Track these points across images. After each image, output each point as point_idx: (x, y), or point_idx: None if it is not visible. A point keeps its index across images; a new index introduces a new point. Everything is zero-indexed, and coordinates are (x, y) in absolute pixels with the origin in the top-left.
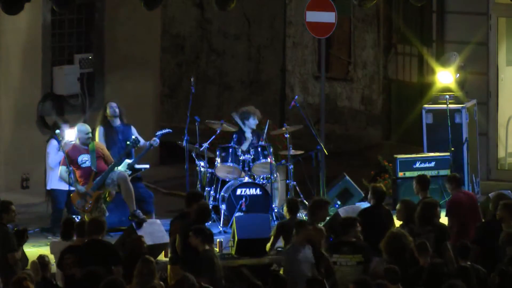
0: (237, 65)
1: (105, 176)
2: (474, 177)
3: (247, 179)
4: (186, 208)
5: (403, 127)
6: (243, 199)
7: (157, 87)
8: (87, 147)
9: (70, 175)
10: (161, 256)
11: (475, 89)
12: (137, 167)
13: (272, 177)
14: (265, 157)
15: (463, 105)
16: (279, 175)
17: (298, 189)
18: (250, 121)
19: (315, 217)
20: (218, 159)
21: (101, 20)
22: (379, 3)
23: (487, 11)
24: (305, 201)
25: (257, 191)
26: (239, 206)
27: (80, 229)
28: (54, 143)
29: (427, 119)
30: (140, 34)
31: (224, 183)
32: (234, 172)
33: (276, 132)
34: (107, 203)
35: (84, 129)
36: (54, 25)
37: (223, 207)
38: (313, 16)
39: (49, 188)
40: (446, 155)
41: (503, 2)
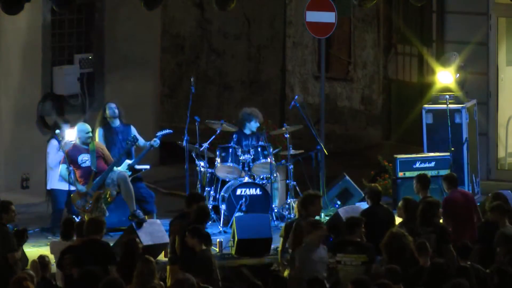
0: (237, 65)
1: (105, 176)
2: (474, 177)
3: (247, 179)
4: (186, 208)
5: (403, 127)
6: (243, 199)
7: (157, 87)
8: (87, 147)
9: (70, 174)
10: (161, 256)
11: (475, 89)
12: (137, 167)
13: (272, 177)
14: (265, 157)
15: (463, 105)
16: (279, 175)
17: (298, 189)
18: (252, 124)
19: (307, 212)
20: (218, 159)
21: (101, 20)
22: (379, 3)
23: (487, 11)
24: None
25: (257, 191)
26: (239, 206)
27: (80, 229)
28: (54, 143)
29: (427, 119)
30: (140, 34)
31: (224, 183)
32: (234, 172)
33: (276, 132)
34: (108, 203)
35: (84, 129)
36: (54, 25)
37: (223, 207)
38: (313, 16)
39: (49, 188)
40: (446, 155)
41: (503, 2)
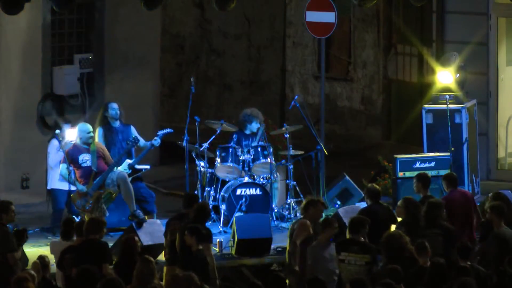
0: (237, 65)
1: (105, 176)
2: (474, 177)
3: (247, 179)
4: (183, 209)
5: (403, 127)
6: (243, 199)
7: (157, 87)
8: (88, 147)
9: (70, 174)
10: (161, 256)
11: (475, 89)
12: (137, 167)
13: (272, 177)
14: (265, 157)
15: (463, 105)
16: (279, 175)
17: (298, 189)
18: (252, 125)
19: (306, 214)
20: (218, 159)
21: (101, 20)
22: (379, 3)
23: (487, 11)
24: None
25: (257, 191)
26: (239, 206)
27: (80, 229)
28: (55, 143)
29: (427, 119)
30: (140, 34)
31: (224, 183)
32: (234, 172)
33: (276, 132)
34: (111, 200)
35: (86, 129)
36: (54, 25)
37: (223, 207)
38: (313, 16)
39: (49, 188)
40: (446, 155)
41: (503, 2)
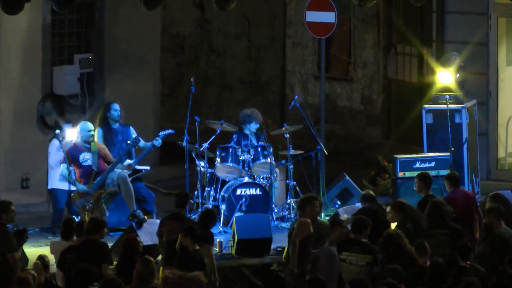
0: (237, 65)
1: (106, 175)
2: (474, 177)
3: (247, 179)
4: (176, 208)
5: (403, 127)
6: (243, 199)
7: (157, 87)
8: (88, 145)
9: (70, 174)
10: (161, 256)
11: (475, 89)
12: (137, 168)
13: (272, 177)
14: (265, 157)
15: (463, 105)
16: (279, 175)
17: (298, 189)
18: (252, 125)
19: (303, 212)
20: (218, 159)
21: (101, 20)
22: (379, 3)
23: (487, 11)
24: None
25: (257, 191)
26: (239, 206)
27: (79, 229)
28: (55, 143)
29: (427, 119)
30: (140, 34)
31: (224, 183)
32: (234, 172)
33: (276, 132)
34: (112, 198)
35: (87, 127)
36: (54, 25)
37: (223, 207)
38: (313, 16)
39: (50, 187)
40: (446, 155)
41: (503, 2)
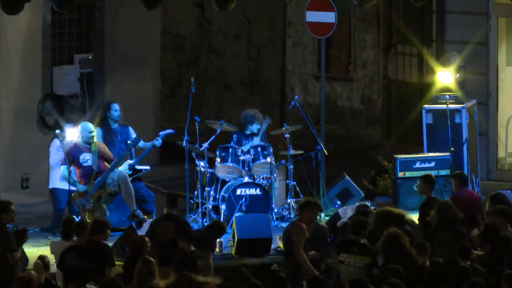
0: (237, 65)
1: (106, 175)
2: (474, 177)
3: (247, 179)
4: (168, 209)
5: (403, 127)
6: (243, 199)
7: (157, 87)
8: (89, 146)
9: (70, 174)
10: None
11: (475, 89)
12: (138, 168)
13: (272, 177)
14: (265, 157)
15: (463, 105)
16: (278, 175)
17: (298, 189)
18: (253, 126)
19: (302, 216)
20: (218, 159)
21: (101, 20)
22: (379, 3)
23: (487, 11)
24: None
25: (257, 191)
26: (239, 206)
27: (79, 229)
28: (56, 142)
29: (427, 119)
30: (140, 34)
31: (224, 183)
32: (234, 172)
33: (276, 132)
34: (112, 198)
35: (88, 128)
36: (54, 25)
37: (223, 207)
38: (313, 16)
39: (50, 187)
40: (446, 155)
41: (503, 2)
